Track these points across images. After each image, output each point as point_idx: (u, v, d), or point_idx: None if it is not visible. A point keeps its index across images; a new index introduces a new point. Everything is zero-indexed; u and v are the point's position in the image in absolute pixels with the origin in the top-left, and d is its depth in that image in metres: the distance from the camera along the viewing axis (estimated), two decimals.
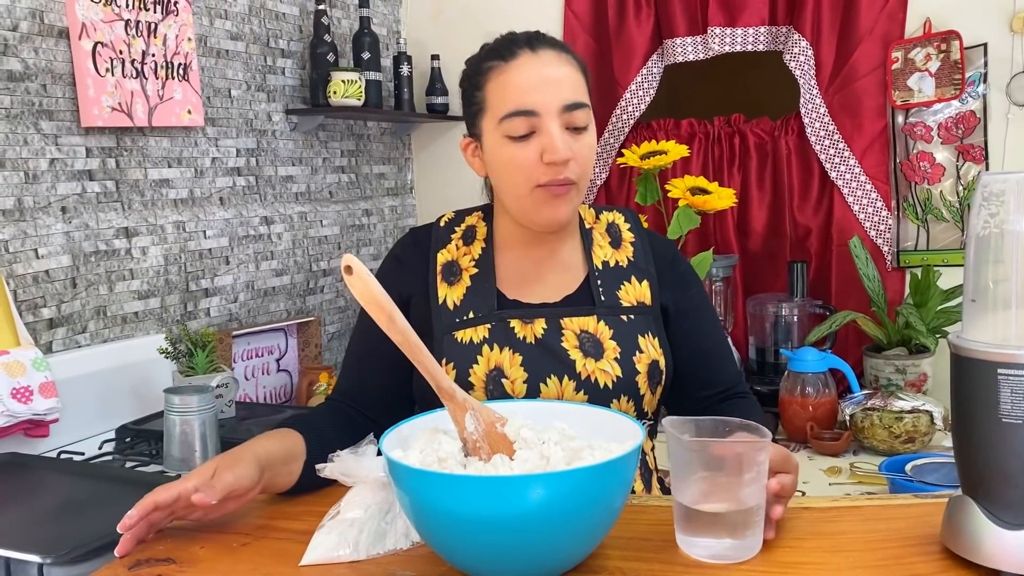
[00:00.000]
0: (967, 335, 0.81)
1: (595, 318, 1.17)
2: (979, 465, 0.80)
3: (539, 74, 1.11)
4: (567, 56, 1.15)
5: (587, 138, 1.13)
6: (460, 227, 1.26)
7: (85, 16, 1.85)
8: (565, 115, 1.10)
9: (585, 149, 1.12)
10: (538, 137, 1.10)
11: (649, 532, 0.93)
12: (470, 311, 1.18)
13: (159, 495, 0.93)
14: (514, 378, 1.14)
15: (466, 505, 0.77)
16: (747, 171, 2.62)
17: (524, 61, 1.12)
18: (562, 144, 1.09)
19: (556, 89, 1.10)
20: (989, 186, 0.80)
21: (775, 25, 2.51)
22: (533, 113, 1.10)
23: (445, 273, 1.21)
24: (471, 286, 1.20)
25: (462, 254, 1.23)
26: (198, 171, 2.21)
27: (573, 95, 1.11)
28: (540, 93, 1.10)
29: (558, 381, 1.14)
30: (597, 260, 1.23)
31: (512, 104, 1.11)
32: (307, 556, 0.90)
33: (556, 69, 1.12)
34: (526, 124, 1.10)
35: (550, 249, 1.22)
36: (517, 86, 1.11)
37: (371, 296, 0.85)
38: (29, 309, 1.79)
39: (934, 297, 2.23)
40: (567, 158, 1.09)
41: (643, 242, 1.26)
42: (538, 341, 1.15)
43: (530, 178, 1.11)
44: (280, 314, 2.50)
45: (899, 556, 0.85)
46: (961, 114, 2.32)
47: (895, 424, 1.98)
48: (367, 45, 2.61)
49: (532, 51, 1.13)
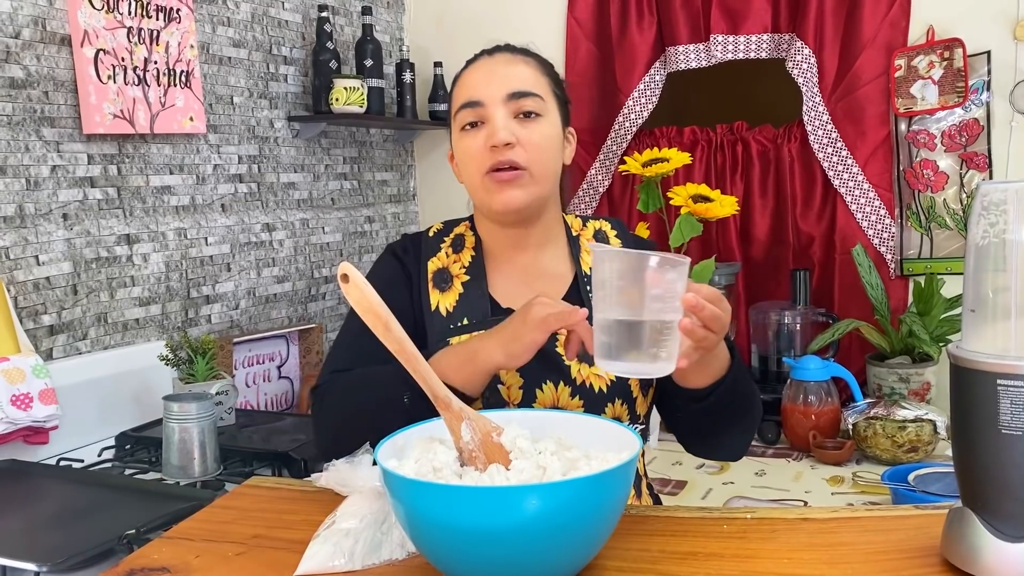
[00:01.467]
0: (966, 345, 0.80)
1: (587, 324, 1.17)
2: (979, 477, 0.80)
3: (488, 70, 1.18)
4: (526, 57, 1.21)
5: (539, 127, 1.17)
6: (449, 236, 1.27)
7: (87, 23, 1.85)
8: (511, 103, 1.15)
9: (535, 136, 1.16)
10: (486, 126, 1.16)
11: (646, 542, 0.92)
12: (464, 317, 1.18)
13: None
14: (510, 383, 1.14)
15: (461, 515, 0.77)
16: (750, 179, 2.62)
17: (479, 63, 1.21)
18: (503, 130, 1.13)
19: (502, 80, 1.16)
20: (988, 195, 0.79)
21: (778, 32, 2.51)
22: (479, 103, 1.16)
23: (436, 280, 1.22)
24: (464, 292, 1.20)
25: (452, 261, 1.24)
26: (200, 178, 2.21)
27: (520, 85, 1.16)
28: (486, 85, 1.16)
29: (553, 386, 1.14)
30: (585, 266, 1.23)
31: (462, 98, 1.18)
32: (302, 566, 0.90)
33: (506, 66, 1.19)
34: (473, 114, 1.16)
35: (534, 256, 1.23)
36: (467, 84, 1.19)
37: (367, 304, 0.85)
38: (30, 316, 1.79)
39: (937, 305, 2.22)
40: (506, 141, 1.13)
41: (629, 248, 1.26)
42: None
43: (480, 165, 1.15)
44: (281, 321, 2.50)
45: (898, 568, 0.84)
46: (964, 122, 2.31)
47: (898, 433, 1.97)
48: (370, 52, 2.61)
49: (489, 55, 1.21)
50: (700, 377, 1.07)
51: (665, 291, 0.88)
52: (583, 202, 2.79)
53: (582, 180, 2.78)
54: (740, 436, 1.22)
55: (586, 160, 2.76)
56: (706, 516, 0.99)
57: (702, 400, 1.09)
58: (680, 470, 2.09)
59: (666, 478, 2.02)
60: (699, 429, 1.19)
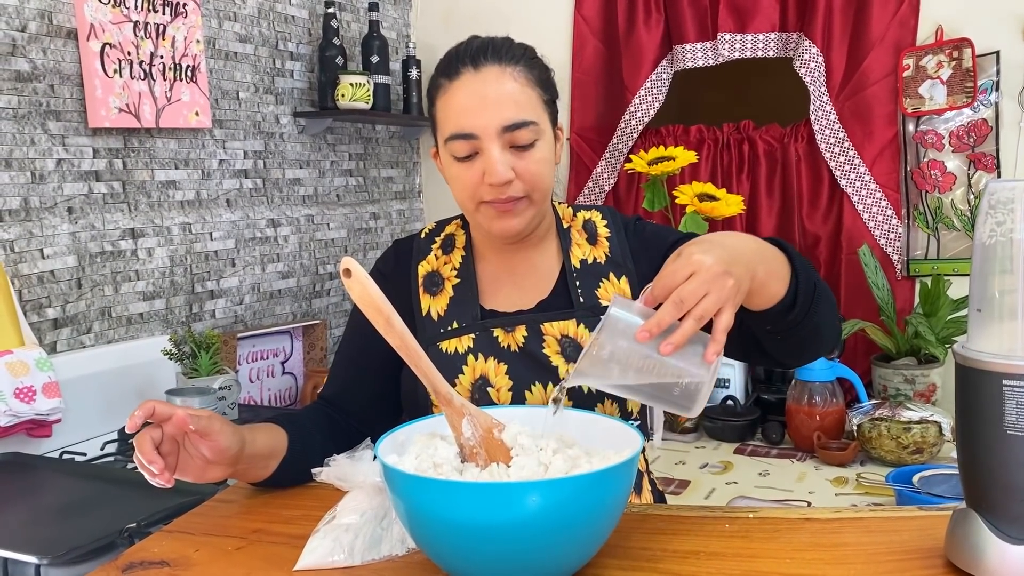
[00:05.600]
0: (972, 345, 0.79)
1: (575, 322, 1.16)
2: (983, 478, 0.79)
3: (478, 95, 1.10)
4: (515, 69, 1.12)
5: (535, 153, 1.11)
6: (439, 237, 1.26)
7: (94, 17, 1.85)
8: (506, 135, 1.09)
9: (532, 165, 1.11)
10: (480, 158, 1.10)
11: (647, 541, 0.92)
12: (454, 321, 1.18)
13: (157, 403, 0.95)
14: (499, 386, 1.14)
15: (461, 511, 0.76)
16: (756, 178, 2.61)
17: (465, 81, 1.11)
18: (501, 167, 1.08)
19: (495, 110, 1.09)
20: (996, 194, 0.79)
21: (785, 31, 2.50)
22: (472, 136, 1.09)
23: (427, 284, 1.21)
24: (454, 296, 1.20)
25: (442, 263, 1.23)
26: (205, 173, 2.21)
27: (515, 114, 1.09)
28: (478, 116, 1.09)
29: (542, 388, 1.14)
30: (575, 259, 1.22)
31: (452, 126, 1.11)
32: (301, 561, 0.89)
33: (497, 88, 1.10)
34: (467, 146, 1.10)
35: (524, 255, 1.22)
36: (457, 108, 1.10)
37: (369, 299, 0.85)
38: (34, 309, 1.79)
39: (944, 306, 2.21)
40: (505, 180, 1.09)
41: (619, 235, 1.24)
42: (521, 349, 1.15)
43: (474, 195, 1.12)
44: (286, 317, 2.49)
45: (901, 569, 0.83)
46: (973, 122, 2.30)
47: (903, 435, 1.96)
48: (376, 48, 2.61)
49: (475, 69, 1.11)
50: (764, 297, 0.99)
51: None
52: (588, 200, 2.78)
53: (588, 178, 2.77)
54: (831, 326, 1.14)
55: (592, 158, 2.75)
56: (708, 515, 0.99)
57: (784, 317, 1.01)
58: (683, 470, 2.08)
59: (669, 477, 2.01)
60: (797, 342, 1.09)
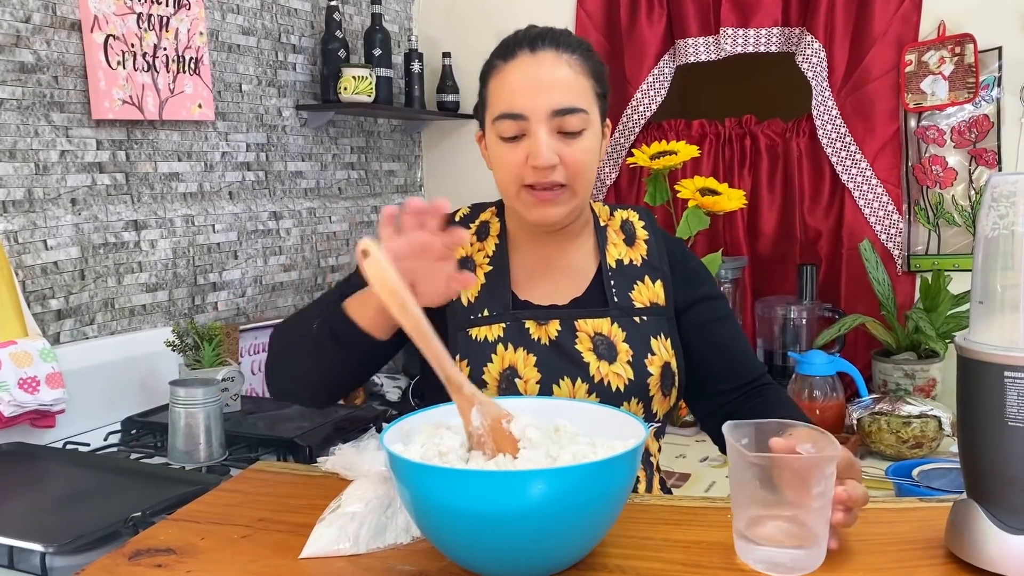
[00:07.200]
0: (974, 337, 0.80)
1: (609, 320, 1.17)
2: (984, 469, 0.80)
3: (532, 77, 1.11)
4: (571, 57, 1.12)
5: (582, 142, 1.12)
6: (475, 223, 1.26)
7: (97, 9, 1.85)
8: (555, 120, 1.09)
9: (578, 153, 1.11)
10: (527, 140, 1.10)
11: (650, 531, 0.92)
12: (484, 309, 1.18)
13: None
14: (527, 378, 1.14)
15: (466, 500, 0.77)
16: (758, 173, 2.61)
17: (521, 63, 1.12)
18: (547, 150, 1.08)
19: (547, 93, 1.09)
20: (998, 187, 0.79)
21: (788, 26, 2.50)
22: (521, 117, 1.10)
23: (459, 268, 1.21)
24: (486, 283, 1.20)
25: (476, 250, 1.23)
26: (208, 165, 2.21)
27: (565, 99, 1.10)
28: (530, 97, 1.09)
29: (571, 383, 1.14)
30: (611, 258, 1.22)
31: (503, 106, 1.11)
32: (307, 549, 0.90)
33: (551, 71, 1.11)
34: (515, 127, 1.10)
35: (560, 249, 1.22)
36: (510, 88, 1.11)
37: (384, 281, 0.85)
38: (37, 300, 1.80)
39: (944, 302, 2.21)
40: (550, 164, 1.09)
41: (657, 240, 1.26)
42: (552, 343, 1.16)
43: (517, 178, 1.12)
44: (288, 309, 2.50)
45: (902, 560, 0.84)
46: (974, 118, 2.30)
47: (903, 429, 1.97)
48: (378, 42, 2.61)
49: (531, 52, 1.12)
50: None
51: (827, 487, 0.82)
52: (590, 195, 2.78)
53: None
54: None
55: None
56: (710, 506, 1.00)
57: None
58: (684, 463, 2.09)
59: (670, 470, 2.02)
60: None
